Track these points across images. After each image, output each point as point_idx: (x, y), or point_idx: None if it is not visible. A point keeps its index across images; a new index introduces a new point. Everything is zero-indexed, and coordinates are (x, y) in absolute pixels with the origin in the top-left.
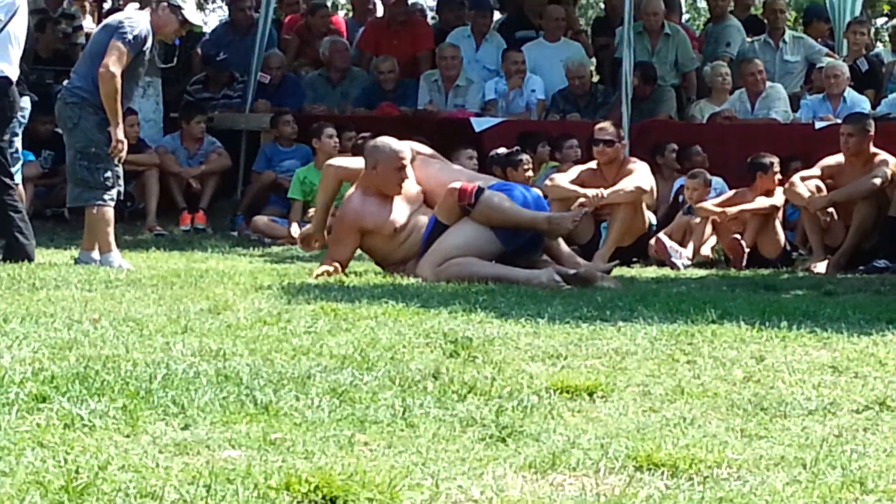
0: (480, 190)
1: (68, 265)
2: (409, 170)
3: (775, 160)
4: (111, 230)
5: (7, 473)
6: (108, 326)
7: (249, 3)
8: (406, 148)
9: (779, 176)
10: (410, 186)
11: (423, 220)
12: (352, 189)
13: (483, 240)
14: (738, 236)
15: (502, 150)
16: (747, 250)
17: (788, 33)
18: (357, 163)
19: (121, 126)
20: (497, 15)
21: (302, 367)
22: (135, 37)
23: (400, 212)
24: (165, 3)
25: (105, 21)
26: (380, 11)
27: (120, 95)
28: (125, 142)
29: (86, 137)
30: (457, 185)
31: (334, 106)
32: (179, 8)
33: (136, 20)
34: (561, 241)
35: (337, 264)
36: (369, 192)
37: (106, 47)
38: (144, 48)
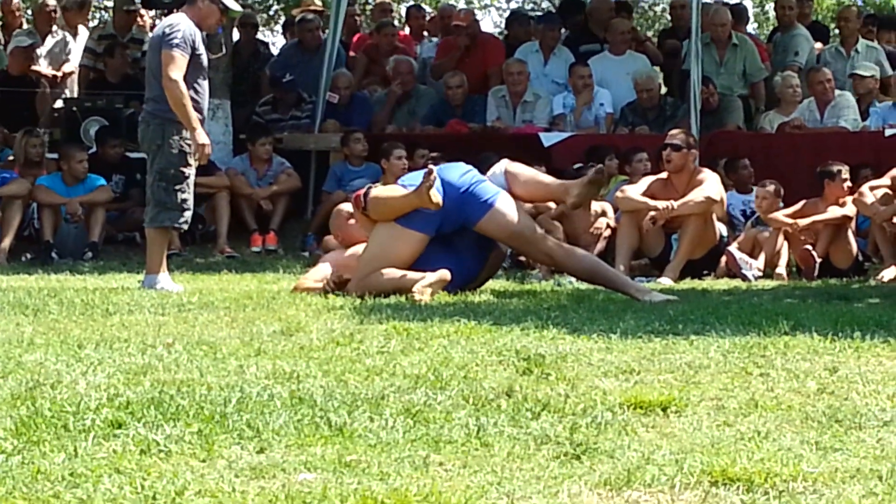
0: (369, 190)
1: (141, 289)
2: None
3: (844, 168)
4: (165, 253)
5: (85, 500)
6: (182, 350)
7: (317, 24)
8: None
9: (849, 183)
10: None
11: None
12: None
13: (400, 238)
14: (809, 247)
15: (578, 165)
16: (819, 261)
17: (861, 42)
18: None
19: (199, 129)
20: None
21: (375, 388)
22: (182, 39)
23: None
24: None
25: (150, 38)
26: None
27: (189, 100)
28: (210, 143)
29: (166, 159)
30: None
31: (402, 125)
32: None
33: (176, 23)
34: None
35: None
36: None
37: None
38: (196, 45)
